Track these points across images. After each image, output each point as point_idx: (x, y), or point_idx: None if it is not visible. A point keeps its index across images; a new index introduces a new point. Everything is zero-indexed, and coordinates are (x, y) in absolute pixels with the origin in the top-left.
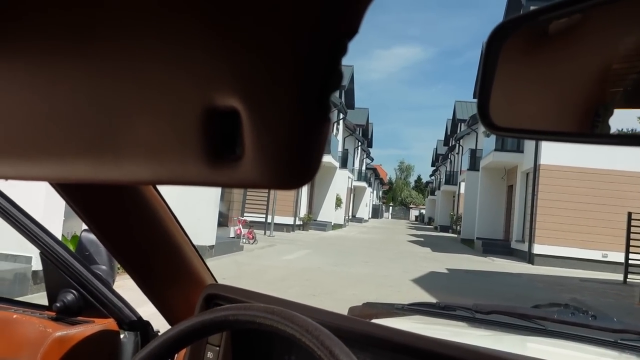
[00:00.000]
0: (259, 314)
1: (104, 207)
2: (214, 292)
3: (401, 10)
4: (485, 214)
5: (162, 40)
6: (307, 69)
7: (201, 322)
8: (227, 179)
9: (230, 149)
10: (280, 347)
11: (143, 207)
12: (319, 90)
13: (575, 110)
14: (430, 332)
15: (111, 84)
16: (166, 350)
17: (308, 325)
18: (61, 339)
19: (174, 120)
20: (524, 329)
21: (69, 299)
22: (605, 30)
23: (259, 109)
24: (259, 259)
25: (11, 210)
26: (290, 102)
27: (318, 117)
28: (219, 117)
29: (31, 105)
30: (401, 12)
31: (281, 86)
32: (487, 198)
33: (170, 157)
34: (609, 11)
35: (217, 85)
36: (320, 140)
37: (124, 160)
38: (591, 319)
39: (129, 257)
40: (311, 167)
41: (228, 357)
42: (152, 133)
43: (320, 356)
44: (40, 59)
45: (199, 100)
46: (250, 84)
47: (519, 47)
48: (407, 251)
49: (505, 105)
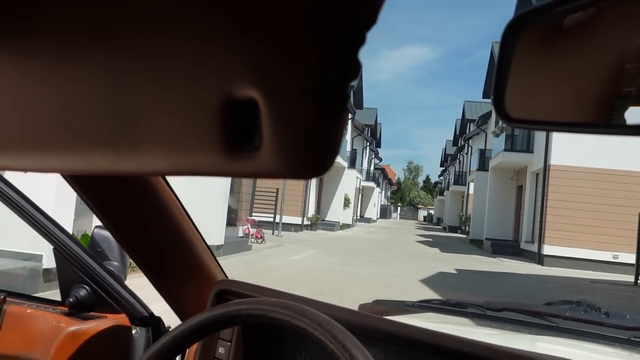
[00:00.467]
0: (271, 308)
1: (117, 202)
2: (225, 287)
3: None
4: (495, 214)
5: (181, 32)
6: (325, 59)
7: (213, 316)
8: (245, 169)
9: (248, 140)
10: (291, 343)
11: (155, 202)
12: (337, 80)
13: (590, 102)
14: (441, 329)
15: (131, 77)
16: (179, 344)
17: (321, 320)
18: (74, 333)
19: (192, 112)
20: (535, 326)
21: (81, 295)
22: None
23: (277, 100)
24: (267, 259)
25: (26, 206)
26: (308, 93)
27: (336, 107)
28: (238, 107)
29: (50, 99)
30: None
31: (300, 77)
32: (496, 198)
33: (189, 148)
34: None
35: (236, 76)
36: (337, 129)
37: (143, 151)
38: (604, 316)
39: (141, 251)
40: (328, 157)
41: (239, 353)
42: (171, 124)
43: (332, 350)
44: (60, 53)
45: (218, 92)
46: (269, 75)
47: (534, 39)
48: (416, 251)
49: (520, 97)
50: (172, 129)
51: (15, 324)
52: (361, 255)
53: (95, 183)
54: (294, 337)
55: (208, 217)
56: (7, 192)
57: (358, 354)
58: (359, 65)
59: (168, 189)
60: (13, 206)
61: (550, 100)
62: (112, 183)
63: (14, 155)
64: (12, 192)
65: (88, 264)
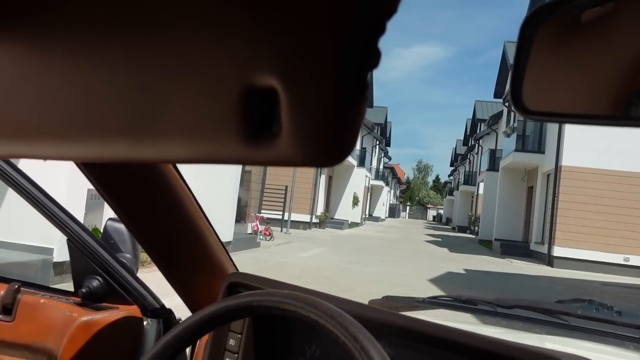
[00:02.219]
0: (283, 300)
1: (130, 192)
2: (237, 280)
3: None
4: (504, 215)
5: (202, 21)
6: (345, 48)
7: (225, 307)
8: (264, 157)
9: (267, 128)
10: (301, 336)
11: (168, 193)
12: (357, 69)
13: (607, 94)
14: (451, 325)
15: (152, 66)
16: (191, 335)
17: (332, 312)
18: (87, 323)
19: (212, 100)
20: (546, 324)
21: (94, 285)
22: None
23: (296, 89)
24: (276, 256)
25: (41, 198)
26: (328, 82)
27: (355, 96)
28: (258, 96)
29: (72, 88)
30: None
31: (320, 65)
32: (506, 199)
33: (208, 136)
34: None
35: (256, 66)
36: (357, 118)
37: (163, 139)
38: (616, 315)
39: (154, 242)
40: (347, 145)
41: (250, 345)
42: (191, 112)
43: (344, 342)
44: (81, 43)
45: (238, 81)
46: (289, 64)
47: (552, 33)
48: (424, 251)
49: (537, 90)
50: (192, 117)
51: (29, 313)
52: (370, 253)
53: (109, 173)
54: (304, 331)
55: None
56: (23, 184)
57: (369, 346)
58: (378, 55)
59: (181, 181)
60: (29, 197)
61: (567, 92)
62: (126, 174)
63: (35, 143)
64: (27, 184)
65: (101, 255)
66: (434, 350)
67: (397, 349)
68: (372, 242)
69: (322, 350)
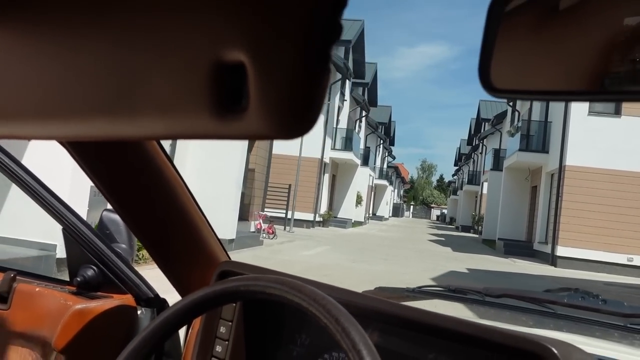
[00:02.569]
0: (269, 284)
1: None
2: (228, 268)
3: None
4: (508, 214)
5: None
6: (310, 22)
7: (213, 292)
8: (234, 131)
9: (236, 102)
10: (291, 324)
11: (161, 183)
12: (321, 42)
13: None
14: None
15: (128, 44)
16: (180, 319)
17: (315, 295)
18: (81, 311)
19: (185, 76)
20: (534, 312)
21: (89, 274)
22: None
23: (264, 62)
24: (278, 254)
25: (37, 188)
26: (294, 55)
27: (319, 68)
28: (227, 70)
29: (50, 68)
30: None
31: (286, 39)
32: (510, 198)
33: (182, 111)
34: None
35: (226, 39)
36: (321, 90)
37: (140, 116)
38: (601, 303)
39: (146, 230)
40: (312, 117)
41: (240, 332)
42: (165, 89)
43: (325, 324)
44: (59, 23)
45: (209, 55)
46: (257, 37)
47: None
48: (427, 250)
49: (506, 68)
50: (167, 93)
51: (24, 301)
52: (373, 252)
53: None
54: (294, 319)
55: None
56: (20, 174)
57: (350, 327)
58: (340, 28)
59: (174, 171)
60: (24, 187)
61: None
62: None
63: (16, 123)
64: (24, 173)
65: (96, 245)
66: (421, 337)
67: (385, 337)
68: (375, 241)
69: (313, 338)
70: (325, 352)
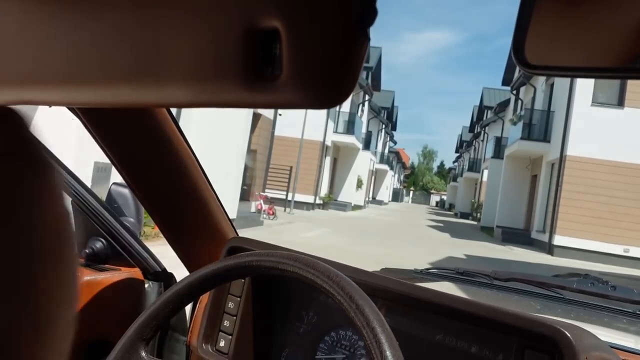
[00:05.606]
0: (282, 260)
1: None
2: (238, 244)
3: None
4: (507, 202)
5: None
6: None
7: (225, 266)
8: (265, 99)
9: (269, 69)
10: (299, 302)
11: (172, 156)
12: (358, 8)
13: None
14: None
15: (155, 7)
16: (191, 292)
17: (330, 272)
18: (89, 283)
19: (215, 41)
20: (542, 297)
21: (97, 247)
22: None
23: (299, 28)
24: (278, 235)
25: None
26: (330, 20)
27: (357, 35)
28: (260, 36)
29: (75, 32)
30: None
31: (322, 5)
32: (510, 187)
33: (211, 78)
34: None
35: (259, 5)
36: (358, 58)
37: (166, 82)
38: (610, 289)
39: (157, 203)
40: (347, 86)
41: (248, 308)
42: (194, 54)
43: (340, 301)
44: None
45: (241, 21)
46: (292, 3)
47: None
48: (426, 235)
49: (541, 43)
50: (196, 59)
51: None
52: (372, 236)
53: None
54: (302, 296)
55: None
56: None
57: (365, 305)
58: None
59: (186, 146)
60: None
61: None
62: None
63: (41, 89)
64: None
65: (105, 217)
66: (430, 316)
67: (393, 316)
68: (375, 225)
69: (320, 316)
70: (332, 330)
